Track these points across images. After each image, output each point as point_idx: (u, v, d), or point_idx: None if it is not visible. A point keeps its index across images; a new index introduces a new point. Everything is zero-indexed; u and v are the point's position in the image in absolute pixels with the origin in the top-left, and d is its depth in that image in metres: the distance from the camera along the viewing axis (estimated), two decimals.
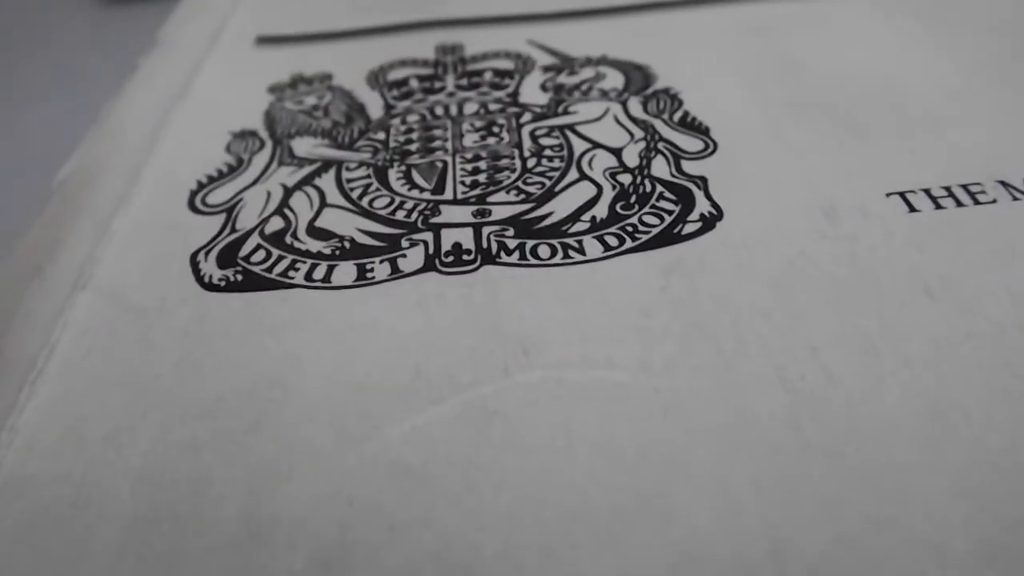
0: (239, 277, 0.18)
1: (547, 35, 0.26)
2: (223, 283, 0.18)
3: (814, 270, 0.17)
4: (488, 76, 0.24)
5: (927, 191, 0.18)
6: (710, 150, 0.20)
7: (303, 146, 0.22)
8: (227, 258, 0.18)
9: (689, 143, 0.20)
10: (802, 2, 0.26)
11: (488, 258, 0.17)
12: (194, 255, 0.18)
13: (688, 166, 0.20)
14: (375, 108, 0.23)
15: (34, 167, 0.30)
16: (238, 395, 0.15)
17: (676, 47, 0.24)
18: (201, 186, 0.20)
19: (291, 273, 0.18)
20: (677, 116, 0.21)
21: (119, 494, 0.14)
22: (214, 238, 0.19)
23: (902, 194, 0.18)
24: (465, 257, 0.17)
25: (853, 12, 0.26)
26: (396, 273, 0.17)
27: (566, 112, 0.22)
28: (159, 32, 0.27)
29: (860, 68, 0.23)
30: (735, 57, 0.24)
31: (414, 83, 0.24)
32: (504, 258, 0.17)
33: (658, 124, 0.21)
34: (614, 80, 0.23)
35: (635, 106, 0.22)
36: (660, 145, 0.20)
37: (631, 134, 0.21)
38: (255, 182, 0.20)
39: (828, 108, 0.21)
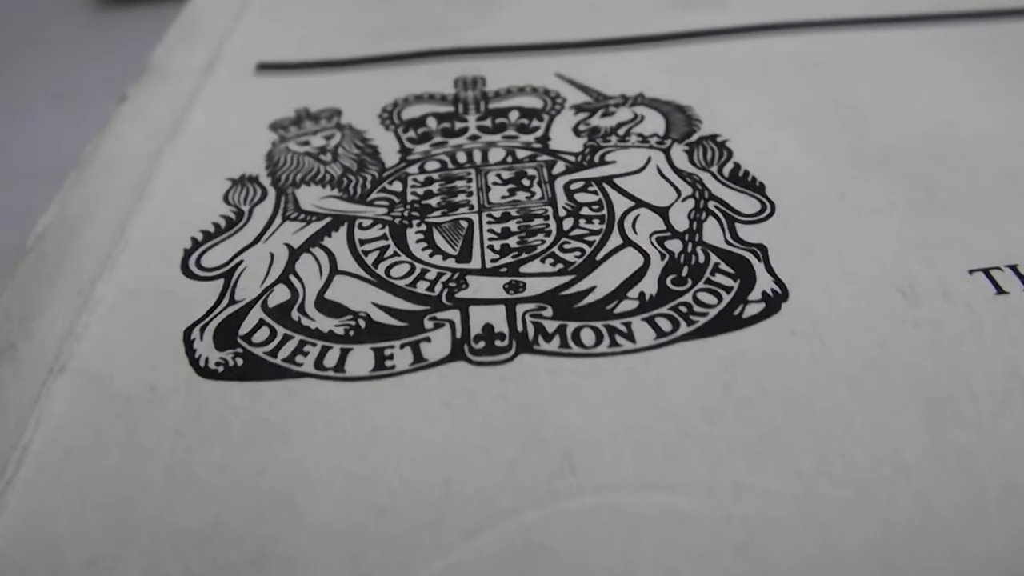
0: (239, 361, 0.16)
1: (576, 67, 0.23)
2: (221, 368, 0.15)
3: (896, 366, 0.15)
4: (514, 116, 0.21)
5: (1014, 268, 0.16)
6: (767, 212, 0.18)
7: (310, 197, 0.19)
8: (225, 337, 0.16)
9: (743, 202, 0.18)
10: (847, 31, 0.24)
11: (524, 344, 0.15)
12: (188, 331, 0.16)
13: (744, 231, 0.17)
14: (389, 152, 0.21)
15: (24, 189, 0.28)
16: (239, 517, 0.13)
17: (719, 85, 0.22)
18: (196, 244, 0.18)
19: (299, 358, 0.16)
20: (727, 169, 0.19)
21: None
22: (210, 310, 0.17)
23: (986, 271, 0.16)
24: (498, 343, 0.15)
25: (905, 45, 0.23)
26: (419, 362, 0.15)
27: (603, 161, 0.20)
28: (150, 57, 0.25)
29: (923, 113, 0.21)
30: (785, 98, 0.22)
31: (432, 123, 0.22)
32: (542, 344, 0.15)
33: (707, 178, 0.19)
34: (654, 123, 0.21)
35: (679, 155, 0.20)
36: (711, 204, 0.18)
37: (677, 190, 0.19)
38: (256, 240, 0.18)
39: (894, 162, 0.19)
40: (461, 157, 0.20)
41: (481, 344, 0.15)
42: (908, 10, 0.25)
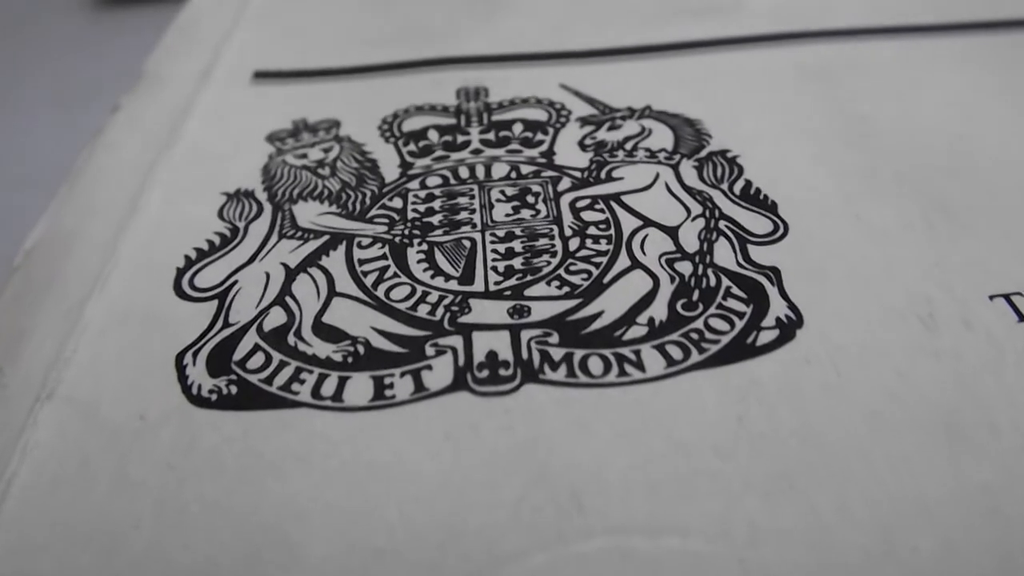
0: (233, 389, 0.15)
1: (581, 78, 0.23)
2: (214, 396, 0.15)
3: (916, 399, 0.14)
4: (518, 129, 0.21)
5: None
6: (780, 232, 0.17)
7: (307, 213, 0.19)
8: (219, 362, 0.15)
9: (755, 222, 0.18)
10: (856, 41, 0.24)
11: (529, 373, 0.15)
12: (180, 356, 0.16)
13: (756, 253, 0.17)
14: (389, 165, 0.20)
15: (19, 194, 0.27)
16: (233, 558, 0.13)
17: (728, 97, 0.22)
18: (189, 263, 0.18)
19: (295, 386, 0.15)
20: (738, 187, 0.19)
21: None
22: (204, 334, 0.16)
23: (1007, 297, 0.16)
24: (502, 372, 0.15)
25: (915, 56, 0.23)
26: (420, 391, 0.15)
27: (610, 178, 0.19)
28: (145, 64, 0.24)
29: (937, 128, 0.20)
30: (795, 112, 0.21)
31: (434, 135, 0.21)
32: (548, 374, 0.15)
33: (717, 196, 0.18)
34: (662, 138, 0.20)
35: (688, 171, 0.19)
36: (722, 224, 0.18)
37: (687, 209, 0.18)
38: (252, 259, 0.18)
39: (909, 180, 0.18)
40: (463, 172, 0.20)
41: (485, 373, 0.15)
42: (918, 20, 0.25)
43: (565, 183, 0.19)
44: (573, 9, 0.26)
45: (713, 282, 0.16)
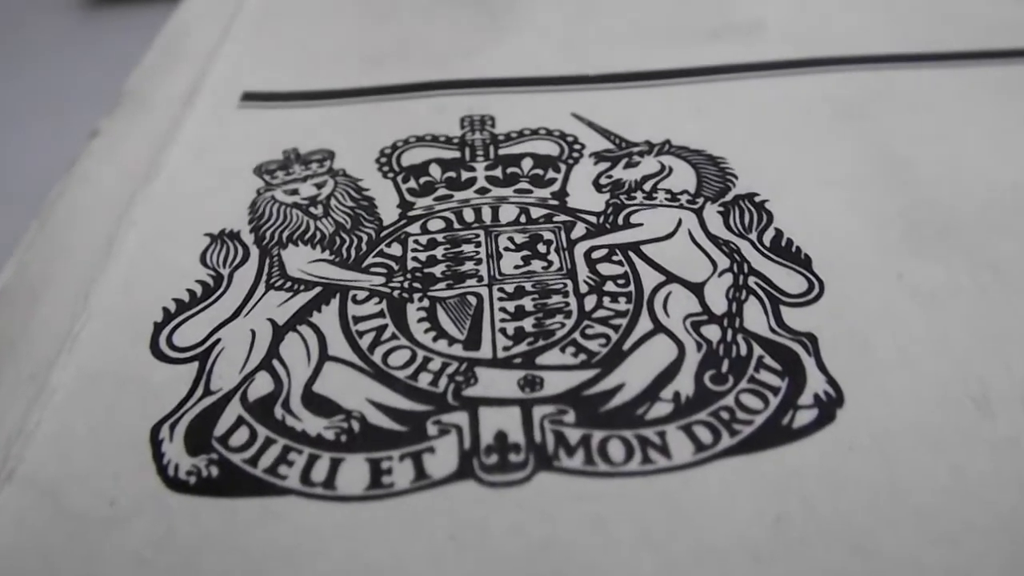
0: (214, 471, 0.14)
1: (593, 105, 0.21)
2: (193, 479, 0.13)
3: (973, 499, 0.13)
4: (527, 165, 0.19)
5: None
6: (816, 292, 0.16)
7: (297, 259, 0.17)
8: (199, 437, 0.14)
9: (788, 280, 0.16)
10: (887, 70, 0.22)
11: (543, 459, 0.13)
12: (156, 429, 0.14)
13: (790, 316, 0.15)
14: (388, 205, 0.19)
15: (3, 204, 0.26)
16: None
17: (752, 131, 0.20)
18: (168, 316, 0.16)
19: (282, 469, 0.13)
20: (768, 237, 0.17)
21: None
22: (182, 402, 0.15)
23: None
24: (512, 457, 0.13)
25: (953, 86, 0.21)
26: (422, 479, 0.13)
27: (628, 224, 0.18)
28: (126, 83, 0.22)
29: (983, 173, 0.19)
30: (826, 150, 0.19)
31: (435, 171, 0.19)
32: (563, 460, 0.13)
33: (745, 247, 0.17)
34: (684, 177, 0.19)
35: (713, 217, 0.18)
36: (751, 281, 0.16)
37: (713, 262, 0.17)
38: (236, 314, 0.16)
39: (955, 233, 0.17)
40: (468, 215, 0.18)
41: (493, 458, 0.13)
42: (950, 47, 0.23)
43: (579, 229, 0.18)
44: (583, 26, 0.25)
45: (744, 350, 0.15)
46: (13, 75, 0.39)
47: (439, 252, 0.17)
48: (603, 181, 0.19)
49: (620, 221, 0.18)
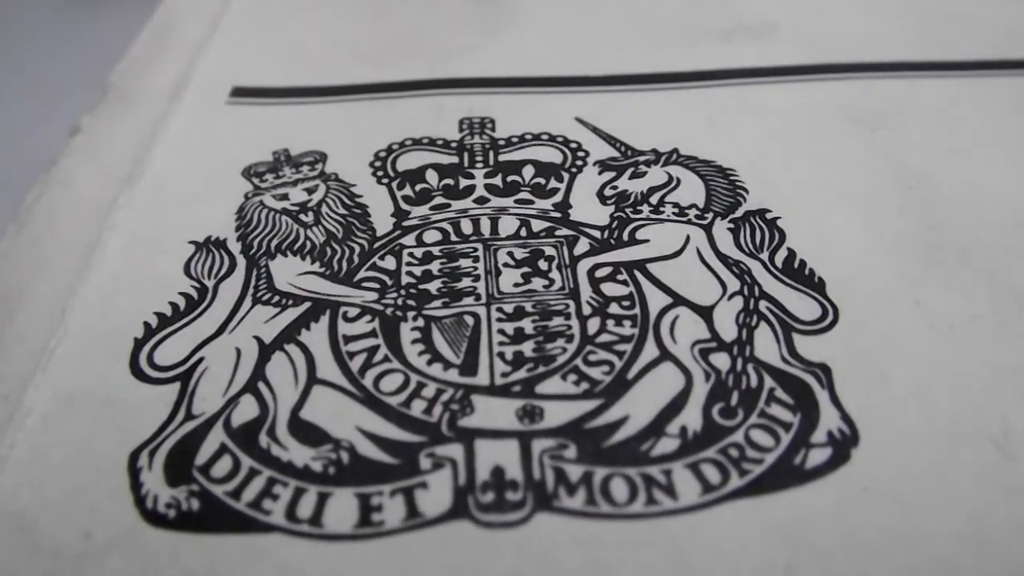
0: (194, 504, 0.13)
1: (599, 108, 0.20)
2: (172, 512, 0.13)
3: (994, 550, 0.12)
4: (528, 173, 0.18)
5: None
6: (830, 319, 0.15)
7: (286, 271, 0.16)
8: (179, 466, 0.13)
9: (800, 305, 0.15)
10: (904, 78, 0.21)
11: (542, 498, 0.13)
12: (134, 456, 0.13)
13: (803, 344, 0.15)
14: (382, 214, 0.18)
15: None
16: None
17: (763, 141, 0.19)
18: (149, 332, 0.15)
19: (266, 503, 0.13)
20: (780, 257, 0.16)
21: None
22: (163, 427, 0.14)
23: None
24: (510, 496, 0.13)
25: (972, 97, 0.20)
26: (414, 517, 0.12)
27: (634, 240, 0.17)
28: (109, 77, 0.21)
29: (1004, 191, 0.18)
30: (841, 163, 0.19)
31: (432, 177, 0.19)
32: (564, 500, 0.13)
33: (756, 268, 0.16)
34: (692, 190, 0.18)
35: (723, 234, 0.17)
36: (763, 305, 0.15)
37: (723, 284, 0.16)
38: (221, 330, 0.15)
39: (974, 258, 0.16)
40: (466, 227, 0.17)
41: (490, 496, 0.13)
42: (969, 55, 0.22)
43: (583, 245, 0.17)
44: (586, 23, 0.24)
45: (754, 381, 0.14)
46: None
47: (435, 267, 0.16)
48: (608, 192, 0.18)
49: (625, 236, 0.17)
